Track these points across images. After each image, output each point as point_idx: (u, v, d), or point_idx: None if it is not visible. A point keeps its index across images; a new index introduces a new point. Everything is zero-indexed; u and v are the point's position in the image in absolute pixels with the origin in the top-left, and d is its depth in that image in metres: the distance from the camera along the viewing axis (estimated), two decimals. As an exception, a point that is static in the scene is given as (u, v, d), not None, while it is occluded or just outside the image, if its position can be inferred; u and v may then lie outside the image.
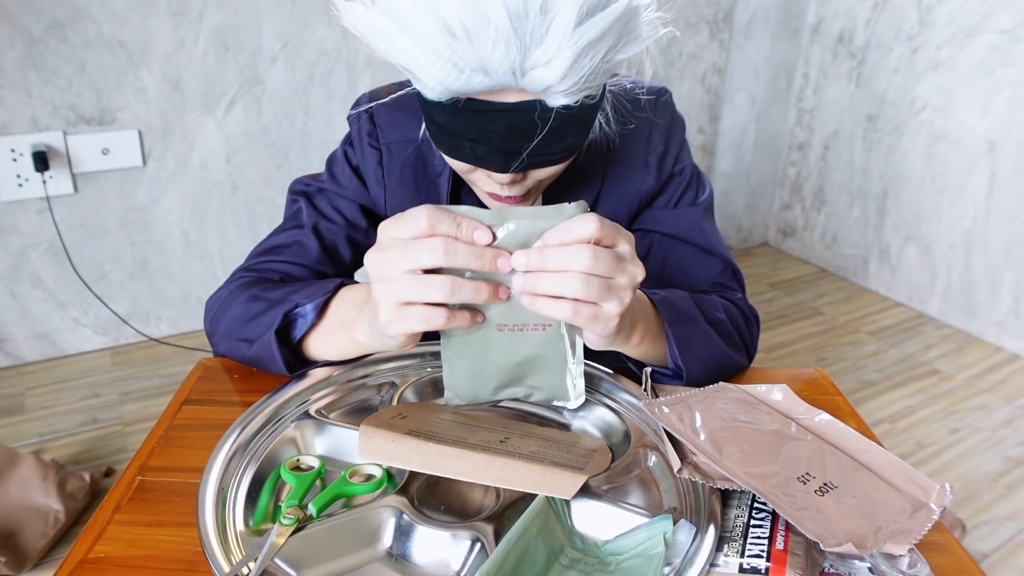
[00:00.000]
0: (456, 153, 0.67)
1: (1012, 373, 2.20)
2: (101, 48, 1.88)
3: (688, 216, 0.85)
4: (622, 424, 0.68)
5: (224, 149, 2.12)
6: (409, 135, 0.82)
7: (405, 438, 0.57)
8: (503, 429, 0.62)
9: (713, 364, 0.74)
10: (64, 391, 1.97)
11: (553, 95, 0.59)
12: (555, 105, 0.60)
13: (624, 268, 0.57)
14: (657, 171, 0.84)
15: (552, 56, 0.56)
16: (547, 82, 0.58)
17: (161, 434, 0.67)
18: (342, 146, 0.87)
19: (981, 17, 2.19)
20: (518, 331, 0.61)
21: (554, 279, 0.55)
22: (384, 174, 0.83)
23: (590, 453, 0.61)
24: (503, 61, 0.56)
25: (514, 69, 0.57)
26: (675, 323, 0.71)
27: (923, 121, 2.41)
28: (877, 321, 2.49)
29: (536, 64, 0.57)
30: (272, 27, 2.05)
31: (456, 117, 0.63)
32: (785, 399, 0.70)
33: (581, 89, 0.59)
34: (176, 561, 0.54)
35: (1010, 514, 1.66)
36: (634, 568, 0.52)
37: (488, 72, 0.57)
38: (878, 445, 0.64)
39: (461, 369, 0.64)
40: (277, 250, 0.82)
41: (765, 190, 3.01)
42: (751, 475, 0.56)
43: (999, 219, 2.27)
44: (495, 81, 0.58)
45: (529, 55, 0.56)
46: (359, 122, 0.84)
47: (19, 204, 1.93)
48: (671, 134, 0.84)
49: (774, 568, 0.51)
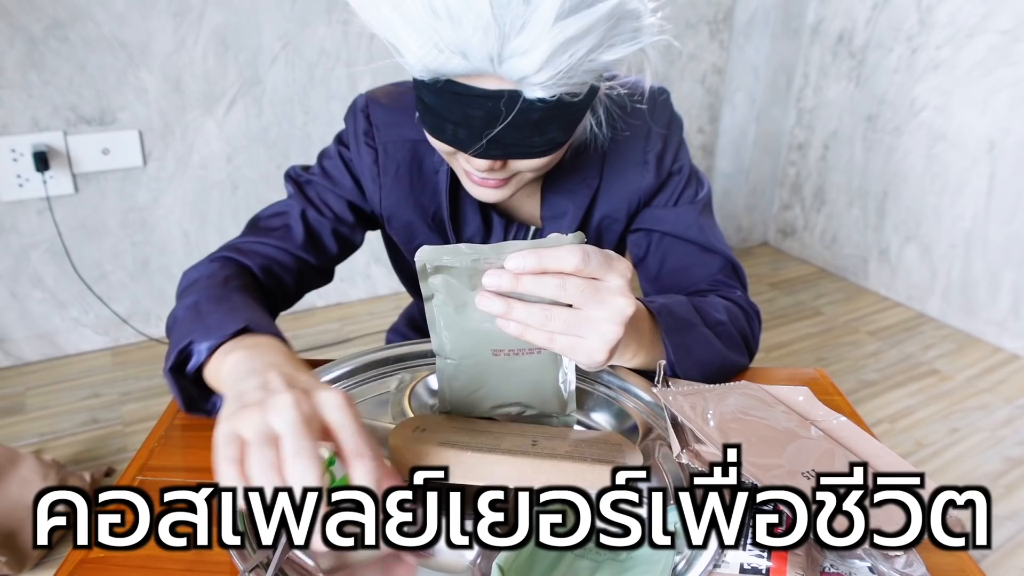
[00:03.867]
0: (439, 134, 0.67)
1: (1012, 373, 2.20)
2: (101, 48, 1.88)
3: (687, 214, 0.85)
4: (629, 419, 0.69)
5: (224, 149, 2.12)
6: (405, 135, 0.83)
7: (440, 450, 0.56)
8: (526, 433, 0.62)
9: (712, 368, 0.74)
10: (64, 391, 1.97)
11: (530, 86, 0.60)
12: (532, 97, 0.61)
13: (603, 300, 0.55)
14: (656, 169, 0.84)
15: (530, 47, 0.57)
16: (523, 72, 0.58)
17: (161, 434, 0.68)
18: (336, 143, 0.87)
19: (981, 17, 2.19)
20: (513, 356, 0.62)
21: (526, 308, 0.55)
22: (380, 173, 0.84)
23: (618, 447, 0.60)
24: (482, 46, 0.57)
25: (492, 56, 0.58)
26: (673, 332, 0.71)
27: (923, 121, 2.41)
28: (877, 321, 2.49)
29: (514, 53, 0.58)
30: (272, 27, 2.05)
31: (440, 98, 0.64)
32: (805, 401, 0.70)
33: (559, 84, 0.60)
34: (176, 561, 0.54)
35: (1010, 514, 1.66)
36: (644, 557, 0.52)
37: (467, 56, 0.58)
38: (892, 451, 0.64)
39: (457, 389, 0.65)
40: (265, 231, 0.82)
41: (765, 190, 3.01)
42: (754, 464, 0.56)
43: (999, 219, 2.27)
44: (473, 65, 0.59)
45: (508, 43, 0.57)
46: (355, 121, 0.84)
47: (19, 204, 1.93)
48: (670, 133, 0.85)
49: (775, 567, 0.51)
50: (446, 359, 0.63)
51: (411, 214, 0.85)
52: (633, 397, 0.72)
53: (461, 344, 0.62)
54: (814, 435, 0.64)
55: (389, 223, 0.86)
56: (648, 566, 0.51)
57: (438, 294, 0.59)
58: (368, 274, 2.47)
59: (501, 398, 0.65)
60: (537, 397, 0.65)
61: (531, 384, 0.64)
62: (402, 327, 1.12)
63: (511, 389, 0.64)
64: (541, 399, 0.65)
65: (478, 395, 0.65)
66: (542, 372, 0.63)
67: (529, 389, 0.64)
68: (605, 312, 0.55)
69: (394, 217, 0.85)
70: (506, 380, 0.63)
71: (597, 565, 0.53)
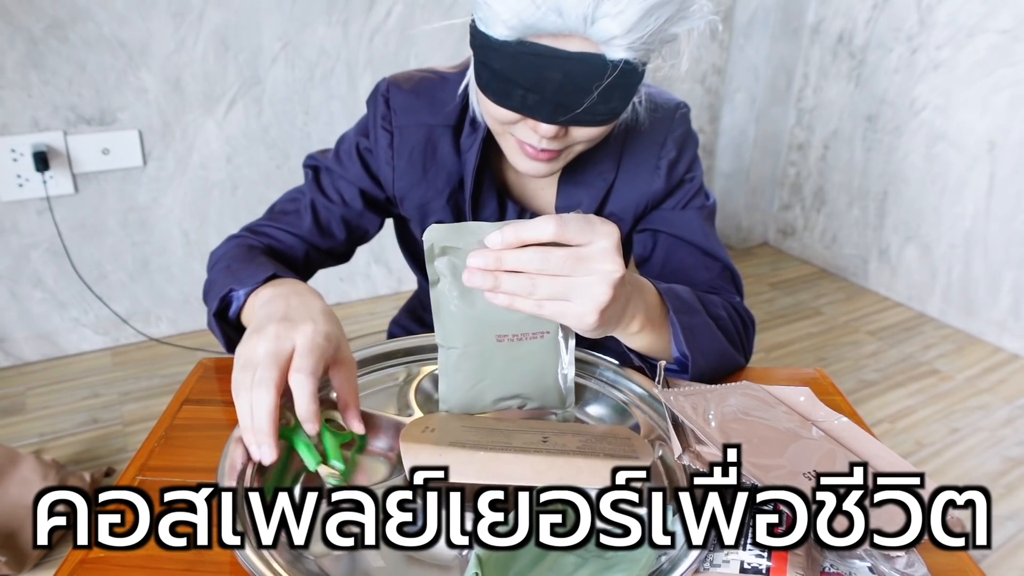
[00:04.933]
0: (506, 101, 0.67)
1: (1012, 373, 2.20)
2: (101, 48, 1.88)
3: (694, 219, 0.88)
4: (631, 417, 0.70)
5: (224, 149, 2.12)
6: (422, 120, 0.84)
7: (452, 450, 0.56)
8: (535, 429, 0.62)
9: (715, 357, 0.75)
10: (64, 391, 1.97)
11: (615, 47, 0.62)
12: (614, 58, 0.63)
13: (589, 267, 0.56)
14: (667, 175, 0.86)
15: (622, 9, 0.60)
16: (613, 32, 0.61)
17: (161, 434, 0.68)
18: (355, 132, 0.89)
19: (981, 17, 2.19)
20: (517, 341, 0.62)
21: (512, 279, 0.56)
22: (394, 156, 0.85)
23: (627, 441, 0.61)
24: (578, 5, 0.59)
25: (586, 15, 0.60)
26: (680, 312, 0.72)
27: (923, 121, 2.41)
28: (877, 321, 2.49)
29: (607, 14, 0.60)
30: (272, 27, 2.05)
31: (516, 61, 0.64)
32: (807, 401, 0.70)
33: (641, 47, 0.63)
34: (176, 561, 0.54)
35: (1010, 514, 1.66)
36: (629, 555, 0.53)
37: (562, 13, 0.60)
38: (893, 452, 0.64)
39: (459, 382, 0.65)
40: (279, 215, 0.89)
41: (765, 190, 3.01)
42: (755, 465, 0.56)
43: (999, 219, 2.27)
44: (566, 23, 0.61)
45: (601, 3, 0.59)
46: (375, 105, 0.86)
47: (19, 204, 1.93)
48: (684, 146, 0.87)
49: (775, 567, 0.51)
50: (449, 349, 0.63)
51: (424, 195, 0.86)
52: (636, 397, 0.72)
53: (465, 330, 0.62)
54: (815, 436, 0.64)
55: (402, 204, 0.88)
56: (630, 564, 0.51)
57: (443, 278, 0.60)
58: (368, 274, 2.47)
59: (502, 390, 0.65)
60: (538, 388, 0.65)
61: (533, 373, 0.64)
62: (404, 319, 1.14)
63: (513, 379, 0.64)
64: (542, 390, 0.66)
65: (479, 388, 0.65)
66: (544, 359, 0.63)
67: (531, 379, 0.65)
68: (591, 276, 0.56)
69: (407, 199, 0.87)
70: (508, 368, 0.64)
71: (583, 561, 0.53)
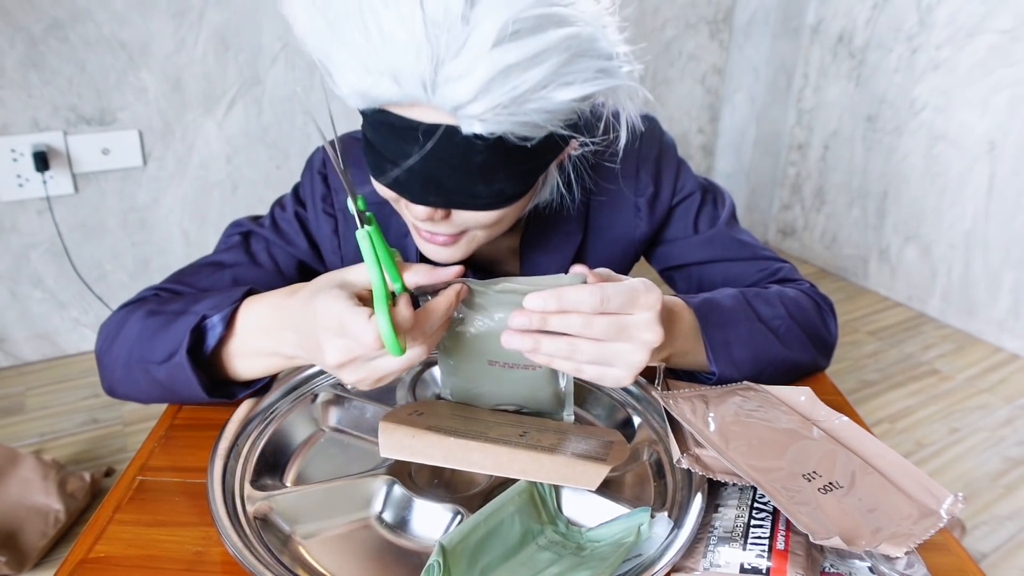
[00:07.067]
0: (379, 176, 0.61)
1: (1012, 373, 2.20)
2: (101, 48, 1.88)
3: (716, 238, 0.81)
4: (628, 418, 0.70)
5: (224, 149, 2.12)
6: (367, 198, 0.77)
7: (426, 433, 0.58)
8: (520, 424, 0.63)
9: (762, 367, 0.71)
10: (64, 391, 1.97)
11: (467, 119, 0.54)
12: (469, 132, 0.55)
13: (629, 335, 0.56)
14: (649, 215, 0.80)
15: (465, 72, 0.51)
16: (458, 100, 0.53)
17: (161, 434, 0.68)
18: (293, 202, 0.81)
19: (981, 17, 2.19)
20: (509, 368, 0.63)
21: (552, 342, 0.56)
22: (340, 243, 0.78)
23: (608, 444, 0.61)
24: (414, 69, 0.52)
25: (425, 80, 0.52)
26: (714, 327, 0.69)
27: (923, 121, 2.41)
28: (877, 321, 2.49)
29: (448, 78, 0.52)
30: (272, 27, 2.05)
31: (377, 131, 0.59)
32: (807, 401, 0.70)
33: (500, 119, 0.54)
34: (176, 561, 0.54)
35: (1009, 514, 1.66)
36: (604, 555, 0.53)
37: (398, 79, 0.53)
38: (894, 451, 0.64)
39: (457, 384, 0.66)
40: (189, 275, 0.78)
41: (765, 190, 3.01)
42: (754, 468, 0.56)
43: (999, 219, 2.27)
44: (404, 91, 0.54)
45: (442, 67, 0.52)
46: (312, 182, 0.79)
47: (19, 204, 1.93)
48: (661, 169, 0.79)
49: (775, 568, 0.51)
50: (446, 358, 0.64)
51: None
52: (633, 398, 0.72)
53: (457, 351, 0.63)
54: (816, 436, 0.64)
55: None
56: (599, 562, 0.52)
57: None
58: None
59: (498, 399, 0.66)
60: (533, 401, 0.66)
61: (528, 390, 0.65)
62: None
63: (506, 393, 0.65)
64: (537, 402, 0.66)
65: (475, 392, 0.66)
66: (539, 383, 0.64)
67: (526, 394, 0.65)
68: (631, 344, 0.57)
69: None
70: (501, 386, 0.64)
71: (558, 557, 0.54)
